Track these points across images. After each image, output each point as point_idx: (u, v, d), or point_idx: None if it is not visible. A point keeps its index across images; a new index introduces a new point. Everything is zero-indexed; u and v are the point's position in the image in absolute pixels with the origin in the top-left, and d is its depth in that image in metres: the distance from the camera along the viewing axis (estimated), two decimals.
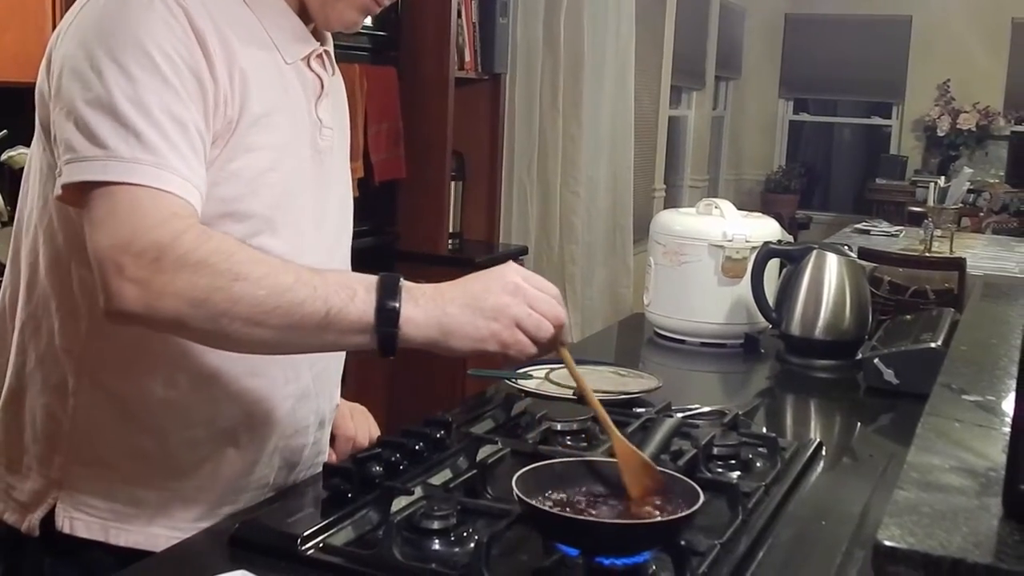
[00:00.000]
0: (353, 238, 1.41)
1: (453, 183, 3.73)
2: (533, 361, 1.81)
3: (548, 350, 1.08)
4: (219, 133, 1.11)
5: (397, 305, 1.02)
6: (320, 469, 1.32)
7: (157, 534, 1.20)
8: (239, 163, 1.13)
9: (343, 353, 1.36)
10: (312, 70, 1.25)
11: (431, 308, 1.03)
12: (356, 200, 1.42)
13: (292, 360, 1.25)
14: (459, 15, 3.67)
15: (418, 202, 3.65)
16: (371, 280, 1.04)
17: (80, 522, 1.19)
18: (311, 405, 1.30)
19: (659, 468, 1.16)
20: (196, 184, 1.07)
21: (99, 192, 1.03)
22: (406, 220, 3.67)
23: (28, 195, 1.21)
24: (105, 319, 1.04)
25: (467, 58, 3.78)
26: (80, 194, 1.05)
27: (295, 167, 1.21)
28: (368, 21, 3.67)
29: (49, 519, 1.20)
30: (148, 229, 1.01)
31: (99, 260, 1.02)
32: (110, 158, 1.03)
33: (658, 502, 1.07)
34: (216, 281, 1.00)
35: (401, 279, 1.04)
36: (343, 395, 1.44)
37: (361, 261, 1.45)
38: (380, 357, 1.05)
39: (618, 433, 1.12)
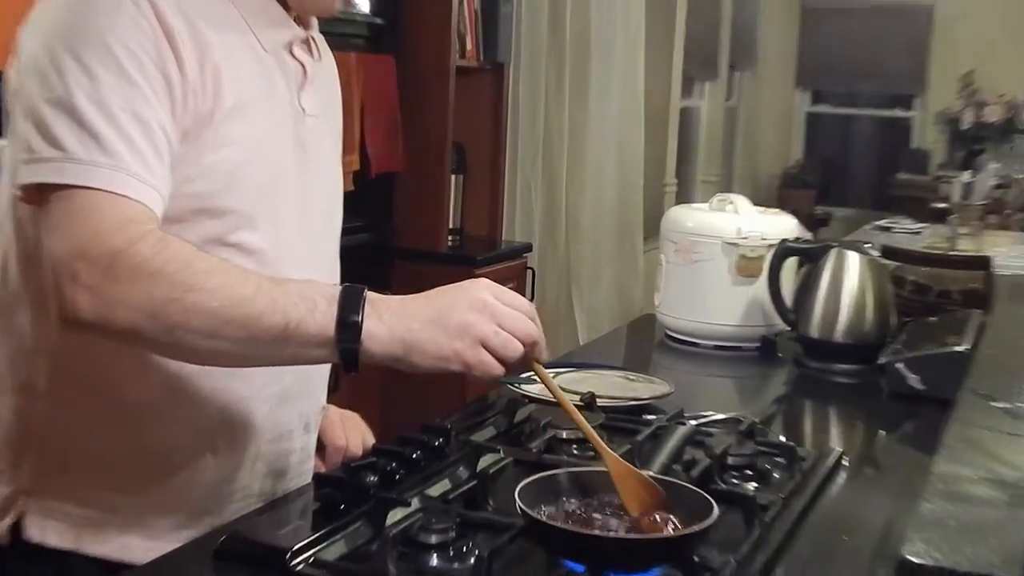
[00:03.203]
0: (347, 234, 1.41)
1: (453, 177, 3.72)
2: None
3: (518, 371, 1.07)
4: (189, 128, 1.12)
5: (359, 319, 1.02)
6: (310, 478, 1.32)
7: (132, 543, 1.20)
8: (214, 157, 1.14)
9: None
10: (294, 57, 1.25)
11: (395, 323, 1.03)
12: (351, 194, 1.42)
13: None
14: (460, 1, 3.66)
15: (416, 197, 3.65)
16: (334, 292, 1.04)
17: (51, 530, 1.19)
18: (294, 407, 1.30)
19: (671, 479, 1.15)
20: (156, 187, 1.08)
21: (55, 195, 1.04)
22: (403, 215, 3.67)
23: (1, 187, 1.21)
24: (61, 327, 1.05)
25: (468, 46, 3.78)
26: (37, 195, 1.06)
27: (275, 159, 1.21)
28: (365, 7, 3.65)
29: (19, 526, 1.19)
30: (103, 235, 1.02)
31: (54, 266, 1.03)
32: (67, 160, 1.04)
33: (667, 514, 1.06)
34: (171, 292, 1.01)
35: (365, 291, 1.04)
36: (334, 401, 1.43)
37: (356, 259, 1.44)
38: (344, 371, 1.04)
39: (609, 450, 1.11)
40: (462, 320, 1.03)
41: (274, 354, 1.05)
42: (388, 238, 3.66)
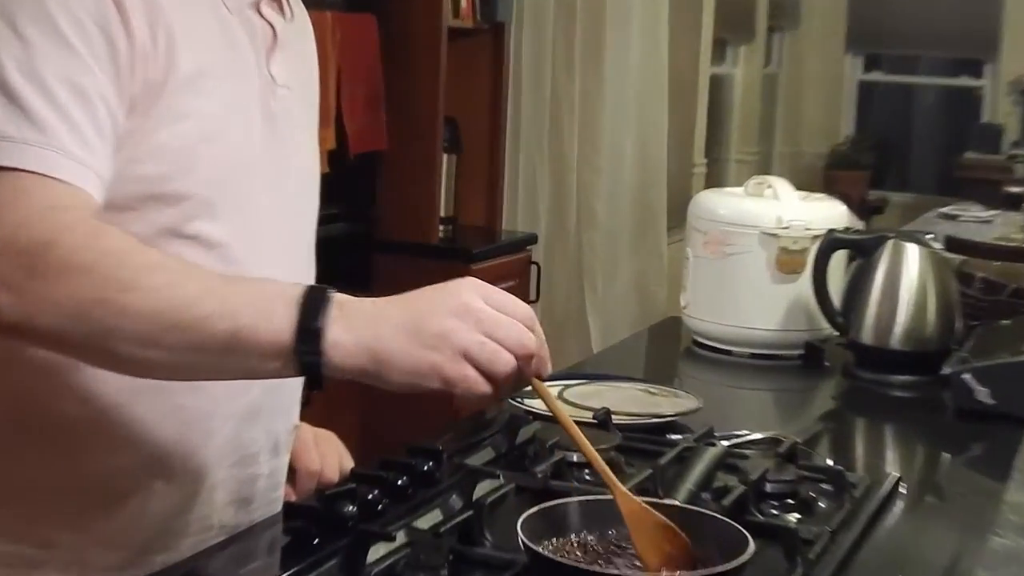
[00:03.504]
0: (323, 224, 1.41)
1: (445, 157, 3.72)
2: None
3: (512, 388, 1.05)
4: (138, 100, 1.12)
5: (320, 325, 1.00)
6: (279, 507, 1.32)
7: None
8: (166, 134, 1.14)
9: None
10: (263, 16, 1.26)
11: (363, 331, 1.01)
12: (326, 177, 1.42)
13: None
14: None
15: (402, 180, 3.64)
16: (294, 293, 1.02)
17: None
18: (260, 426, 1.29)
19: (699, 510, 1.15)
20: (95, 168, 1.08)
21: None
22: (387, 202, 3.67)
23: None
24: None
25: (463, 4, 3.77)
26: None
27: (240, 136, 1.22)
28: None
29: None
30: (30, 224, 1.02)
31: None
32: None
33: (697, 553, 1.06)
34: (104, 291, 1.00)
35: (331, 292, 1.03)
36: (306, 417, 1.43)
37: (331, 253, 1.44)
38: (307, 388, 1.03)
39: (622, 487, 1.10)
40: (440, 328, 1.01)
41: (220, 366, 1.05)
42: (369, 228, 3.65)
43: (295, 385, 1.36)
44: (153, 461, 1.21)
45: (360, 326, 1.01)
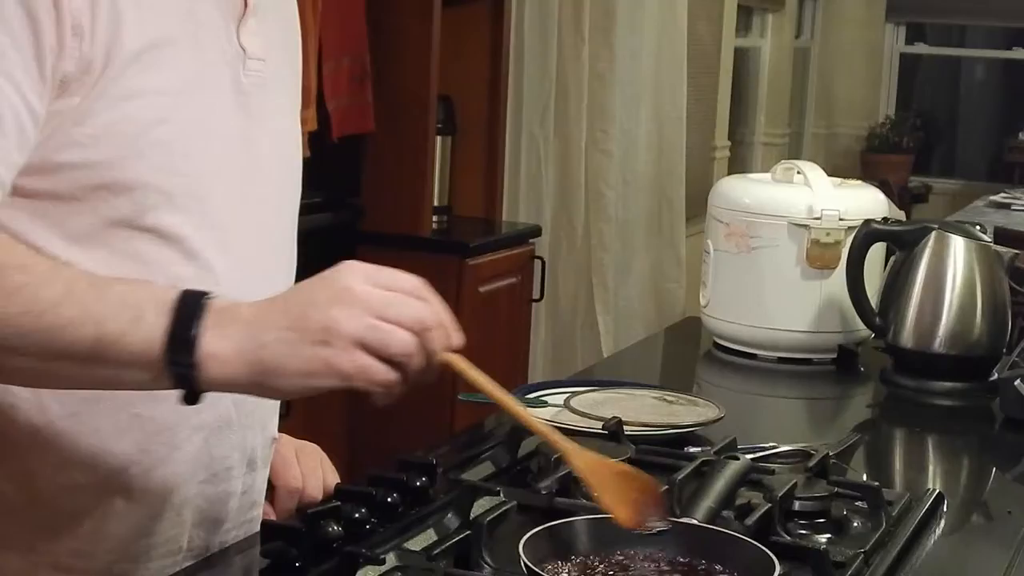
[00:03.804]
0: (302, 214, 1.41)
1: (439, 139, 3.72)
2: (547, 384, 1.80)
3: (418, 369, 1.05)
4: (71, 77, 1.11)
5: (194, 333, 1.02)
6: (255, 528, 1.32)
7: None
8: (113, 115, 1.14)
9: None
10: None
11: (243, 338, 1.03)
12: (306, 162, 1.42)
13: None
14: None
15: (391, 165, 3.64)
16: (168, 298, 1.04)
17: None
18: (233, 439, 1.30)
19: (721, 530, 1.16)
20: None
21: None
22: (374, 190, 3.67)
23: None
24: None
25: None
26: None
27: (203, 118, 1.21)
28: None
29: None
30: None
31: None
32: None
33: (718, 567, 1.07)
34: None
35: (209, 297, 1.04)
36: (286, 428, 1.44)
37: (313, 247, 1.44)
38: (185, 403, 1.05)
39: (570, 443, 1.11)
40: (325, 319, 1.02)
41: (88, 376, 1.07)
42: (354, 219, 3.65)
43: None
44: (111, 477, 1.22)
45: (239, 333, 1.03)
